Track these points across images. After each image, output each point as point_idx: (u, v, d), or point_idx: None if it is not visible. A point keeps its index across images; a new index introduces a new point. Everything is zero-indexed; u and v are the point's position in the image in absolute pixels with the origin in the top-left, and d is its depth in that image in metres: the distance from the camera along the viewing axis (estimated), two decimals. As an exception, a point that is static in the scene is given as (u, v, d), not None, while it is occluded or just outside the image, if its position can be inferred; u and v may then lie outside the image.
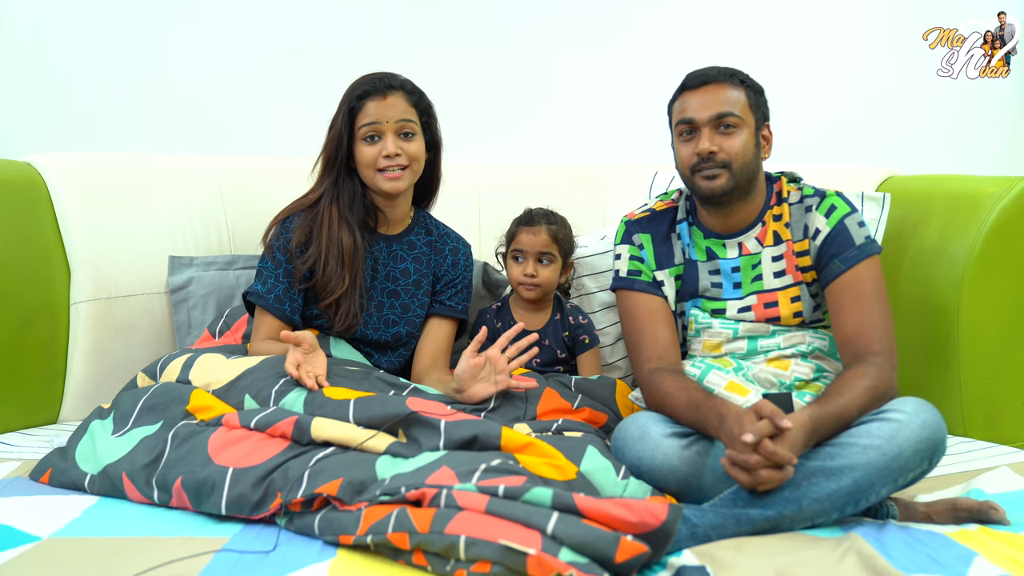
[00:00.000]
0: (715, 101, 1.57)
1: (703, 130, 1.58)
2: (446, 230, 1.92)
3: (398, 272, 1.82)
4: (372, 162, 1.71)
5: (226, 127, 2.52)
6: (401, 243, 1.84)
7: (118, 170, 2.07)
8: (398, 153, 1.70)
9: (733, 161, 1.57)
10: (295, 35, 2.51)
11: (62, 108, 2.45)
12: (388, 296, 1.82)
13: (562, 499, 1.14)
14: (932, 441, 1.31)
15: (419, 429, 1.37)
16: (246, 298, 1.79)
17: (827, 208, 1.60)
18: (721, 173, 1.57)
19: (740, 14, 2.63)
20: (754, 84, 1.62)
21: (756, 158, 1.60)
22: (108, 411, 1.57)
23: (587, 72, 2.61)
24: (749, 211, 1.64)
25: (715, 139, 1.57)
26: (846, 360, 1.53)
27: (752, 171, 1.60)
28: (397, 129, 1.71)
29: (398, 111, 1.71)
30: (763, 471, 1.26)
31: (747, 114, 1.59)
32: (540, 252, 1.86)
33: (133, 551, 1.16)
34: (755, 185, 1.62)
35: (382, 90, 1.71)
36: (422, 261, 1.85)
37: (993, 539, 1.23)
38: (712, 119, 1.57)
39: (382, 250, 1.82)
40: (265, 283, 1.75)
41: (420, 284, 1.84)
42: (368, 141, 1.71)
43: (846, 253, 1.57)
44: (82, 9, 2.44)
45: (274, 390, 1.51)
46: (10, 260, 1.81)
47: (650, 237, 1.70)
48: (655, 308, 1.65)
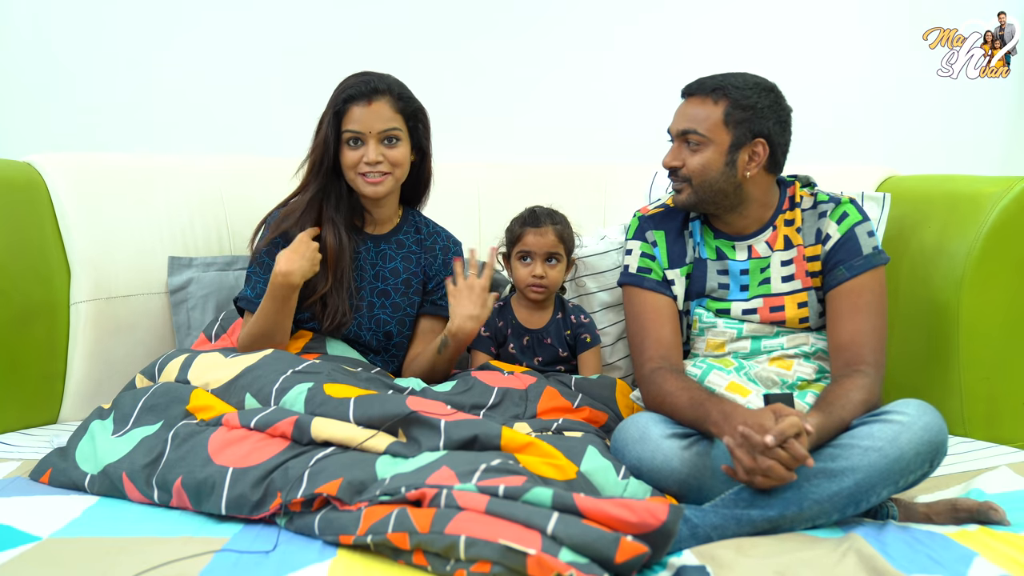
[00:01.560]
0: (684, 116, 1.59)
1: (674, 143, 1.60)
2: (436, 228, 1.91)
3: (387, 271, 1.82)
4: (353, 165, 1.72)
5: (226, 127, 2.52)
6: (389, 242, 1.84)
7: (118, 170, 2.07)
8: (379, 160, 1.71)
9: (692, 178, 1.58)
10: (295, 35, 2.51)
11: (62, 108, 2.45)
12: (378, 296, 1.82)
13: (562, 499, 1.14)
14: (933, 444, 1.32)
15: (419, 429, 1.37)
16: (237, 304, 1.80)
17: (839, 215, 1.60)
18: (683, 187, 1.60)
19: (740, 15, 2.62)
20: (745, 100, 1.55)
21: (726, 175, 1.57)
22: (108, 411, 1.57)
23: (587, 72, 2.61)
24: (758, 216, 1.64)
25: (681, 153, 1.58)
26: (836, 366, 1.53)
27: (720, 187, 1.58)
28: (380, 136, 1.71)
29: (382, 119, 1.71)
30: (771, 463, 1.25)
31: (717, 132, 1.56)
32: (548, 253, 1.85)
33: (133, 551, 1.16)
34: (738, 199, 1.60)
35: (368, 95, 1.71)
36: (412, 260, 1.85)
37: (993, 539, 1.24)
38: (679, 133, 1.59)
39: (370, 250, 1.82)
40: (254, 288, 1.76)
41: (410, 283, 1.84)
42: (351, 145, 1.72)
43: (852, 261, 1.57)
44: (82, 9, 2.44)
45: (275, 388, 1.51)
46: (10, 260, 1.81)
47: (663, 234, 1.69)
48: (661, 307, 1.65)
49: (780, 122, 1.59)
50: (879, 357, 1.51)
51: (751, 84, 1.57)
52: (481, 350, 1.89)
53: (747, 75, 1.59)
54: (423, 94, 1.80)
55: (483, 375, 1.71)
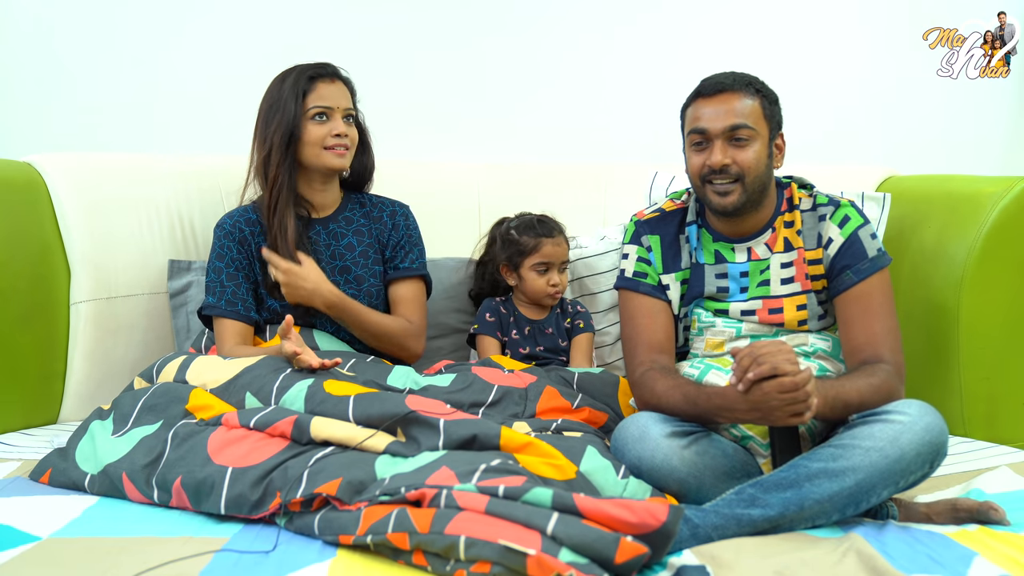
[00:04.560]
0: (729, 112, 1.55)
1: (716, 142, 1.55)
2: (380, 199, 1.95)
3: (342, 248, 1.86)
4: (320, 140, 1.77)
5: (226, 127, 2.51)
6: (337, 221, 1.88)
7: (118, 170, 2.07)
8: (346, 133, 1.78)
9: (746, 174, 1.55)
10: (295, 35, 2.51)
11: (62, 108, 2.45)
12: (340, 273, 1.84)
13: (562, 499, 1.14)
14: (934, 445, 1.32)
15: (418, 428, 1.37)
16: (201, 315, 1.83)
17: (841, 218, 1.60)
18: (734, 189, 1.56)
19: (740, 15, 2.62)
20: (769, 93, 1.60)
21: (768, 169, 1.59)
22: (108, 411, 1.57)
23: (587, 72, 2.61)
24: (759, 217, 1.64)
25: (728, 151, 1.55)
26: (853, 367, 1.53)
27: (764, 182, 1.58)
28: (344, 112, 1.79)
29: (345, 97, 1.80)
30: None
31: (761, 125, 1.56)
32: (563, 262, 1.93)
33: (133, 551, 1.16)
34: (766, 195, 1.61)
35: (331, 74, 1.80)
36: (363, 233, 1.88)
37: (993, 539, 1.24)
38: (725, 130, 1.55)
39: (319, 233, 1.85)
40: (213, 293, 1.79)
41: (367, 254, 1.87)
42: (318, 120, 1.77)
43: (858, 265, 1.57)
44: (83, 9, 2.44)
45: (275, 386, 1.51)
46: (10, 260, 1.81)
47: (659, 239, 1.69)
48: (656, 312, 1.65)
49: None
50: (897, 357, 1.52)
51: (758, 79, 1.62)
52: (488, 334, 1.92)
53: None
54: (423, 94, 1.81)
55: (483, 372, 1.71)
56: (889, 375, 1.47)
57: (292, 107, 1.76)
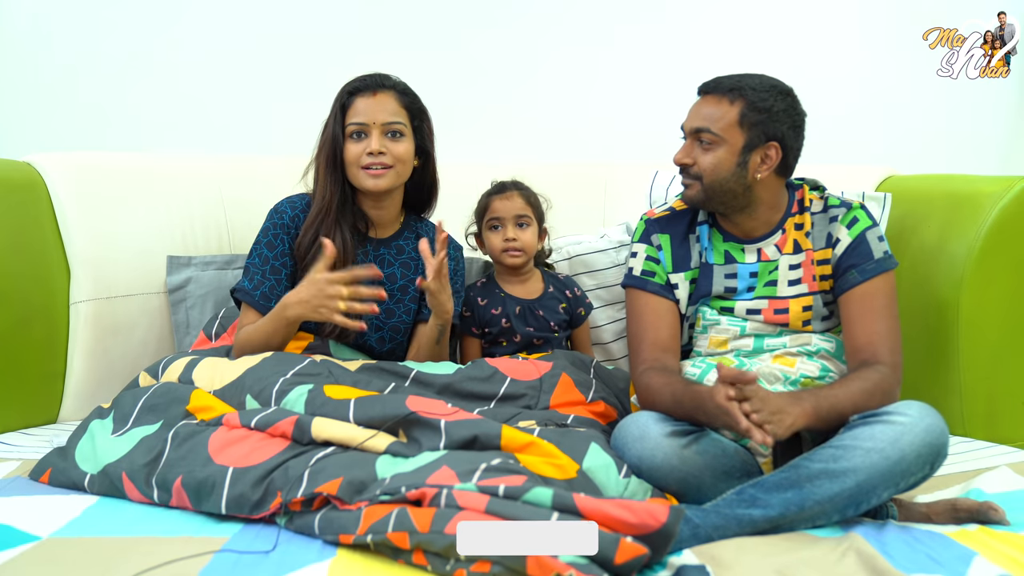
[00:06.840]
0: (699, 114, 1.58)
1: (686, 140, 1.60)
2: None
3: (384, 277, 1.77)
4: (356, 159, 1.70)
5: (226, 127, 2.52)
6: (389, 247, 1.82)
7: (118, 170, 2.07)
8: (382, 151, 1.69)
9: (703, 176, 1.57)
10: (295, 34, 2.51)
11: (62, 108, 2.45)
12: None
13: (562, 500, 1.14)
14: (935, 446, 1.32)
15: (419, 429, 1.37)
16: (234, 294, 1.78)
17: (850, 220, 1.60)
18: (693, 184, 1.59)
19: (741, 15, 2.62)
20: (761, 103, 1.54)
21: (737, 176, 1.56)
22: (108, 411, 1.57)
23: (587, 72, 2.61)
24: (767, 219, 1.63)
25: (693, 151, 1.58)
26: (853, 367, 1.54)
27: (729, 187, 1.57)
28: (384, 129, 1.70)
29: (387, 110, 1.70)
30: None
31: (731, 133, 1.55)
32: (517, 216, 1.87)
33: (133, 551, 1.16)
34: (746, 200, 1.59)
35: (373, 87, 1.71)
36: (410, 266, 1.82)
37: (993, 539, 1.24)
38: (692, 131, 1.58)
39: (368, 254, 1.79)
40: (251, 279, 1.73)
41: (407, 289, 1.81)
42: (355, 138, 1.70)
43: (864, 265, 1.57)
44: (81, 8, 2.44)
45: (275, 389, 1.51)
46: (10, 260, 1.81)
47: (668, 238, 1.69)
48: (662, 311, 1.65)
49: (794, 127, 1.58)
50: (895, 358, 1.52)
51: (768, 86, 1.56)
52: (466, 332, 1.90)
53: (765, 77, 1.59)
54: (423, 94, 1.80)
55: (496, 361, 1.71)
56: (885, 377, 1.47)
57: (333, 125, 1.71)
